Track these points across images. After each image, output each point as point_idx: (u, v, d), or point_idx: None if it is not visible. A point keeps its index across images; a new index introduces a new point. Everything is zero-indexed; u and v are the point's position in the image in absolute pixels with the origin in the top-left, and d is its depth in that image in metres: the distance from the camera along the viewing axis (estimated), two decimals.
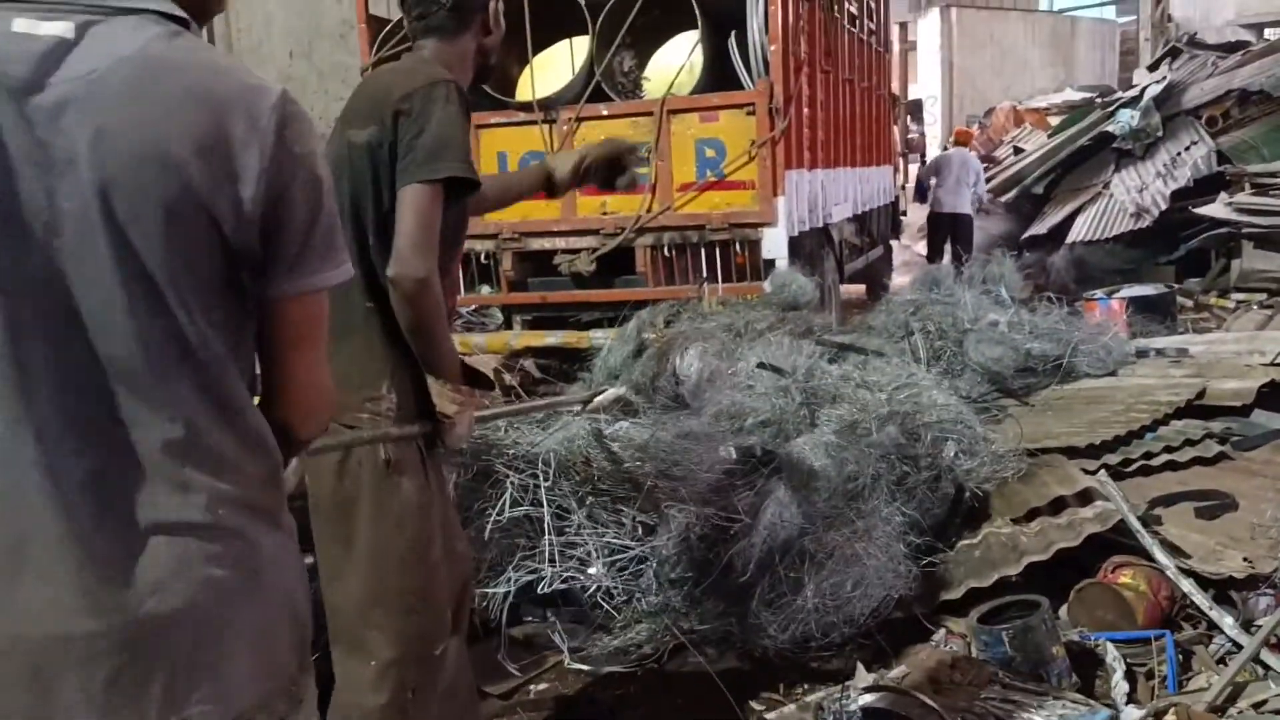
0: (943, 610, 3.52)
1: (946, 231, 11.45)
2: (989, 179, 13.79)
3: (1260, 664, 2.93)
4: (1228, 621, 3.14)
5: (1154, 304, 7.88)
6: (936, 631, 3.41)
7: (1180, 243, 10.40)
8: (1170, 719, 2.64)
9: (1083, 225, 11.25)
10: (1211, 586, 3.33)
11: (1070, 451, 4.49)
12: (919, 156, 15.17)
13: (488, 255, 6.92)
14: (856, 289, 10.39)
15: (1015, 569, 3.48)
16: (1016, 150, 15.10)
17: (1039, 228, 12.00)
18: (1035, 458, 4.34)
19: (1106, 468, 4.25)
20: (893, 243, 11.51)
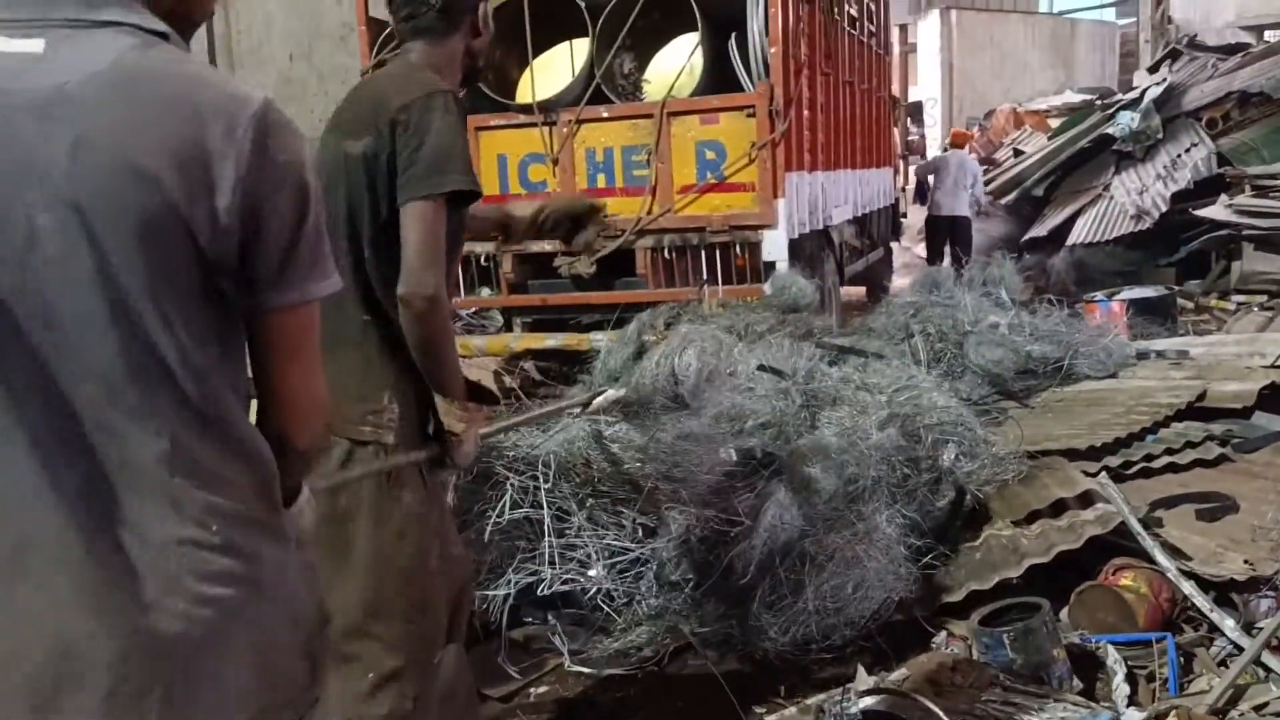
0: (943, 613, 3.51)
1: (945, 234, 11.46)
2: (989, 181, 13.78)
3: (1261, 666, 2.93)
4: (1229, 624, 3.14)
5: (1154, 306, 7.88)
6: (937, 634, 3.40)
7: (1180, 245, 10.39)
8: None
9: (1083, 227, 11.25)
10: (1212, 589, 3.33)
11: (1071, 454, 4.48)
12: (919, 158, 15.19)
13: (488, 257, 6.90)
14: (857, 291, 10.38)
15: (1016, 571, 3.48)
16: (1016, 152, 15.08)
17: (1039, 230, 12.00)
18: (1036, 460, 4.34)
19: (1107, 470, 4.25)
20: (893, 245, 11.50)
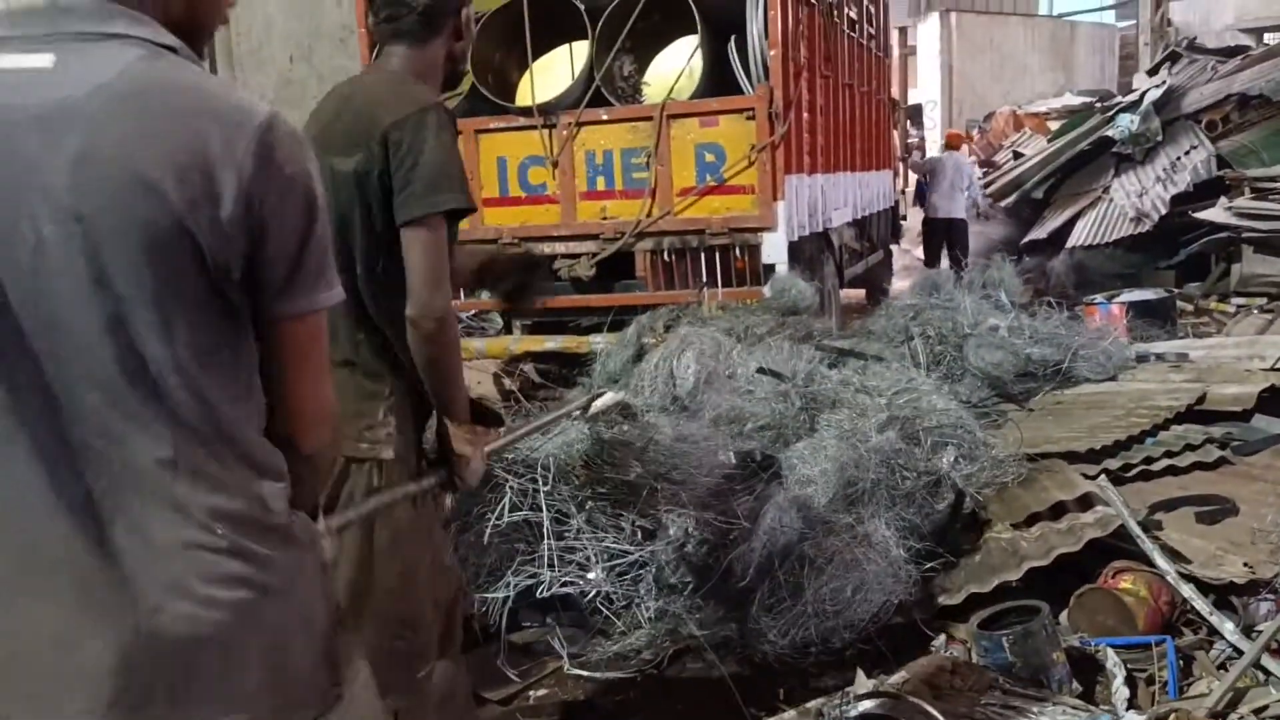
0: (943, 616, 3.51)
1: (942, 237, 11.46)
2: (988, 184, 13.79)
3: (1261, 669, 2.92)
4: (1228, 627, 3.13)
5: (1154, 309, 7.88)
6: (936, 637, 3.40)
7: (1180, 247, 10.39)
8: None
9: (1082, 230, 11.25)
10: (1212, 592, 3.32)
11: (1070, 456, 4.48)
12: (918, 154, 15.22)
13: None
14: (856, 294, 10.38)
15: (1015, 574, 3.48)
16: (1016, 155, 15.08)
17: (1039, 232, 12.00)
18: (1035, 463, 4.34)
19: (1107, 473, 4.24)
20: (892, 247, 11.50)
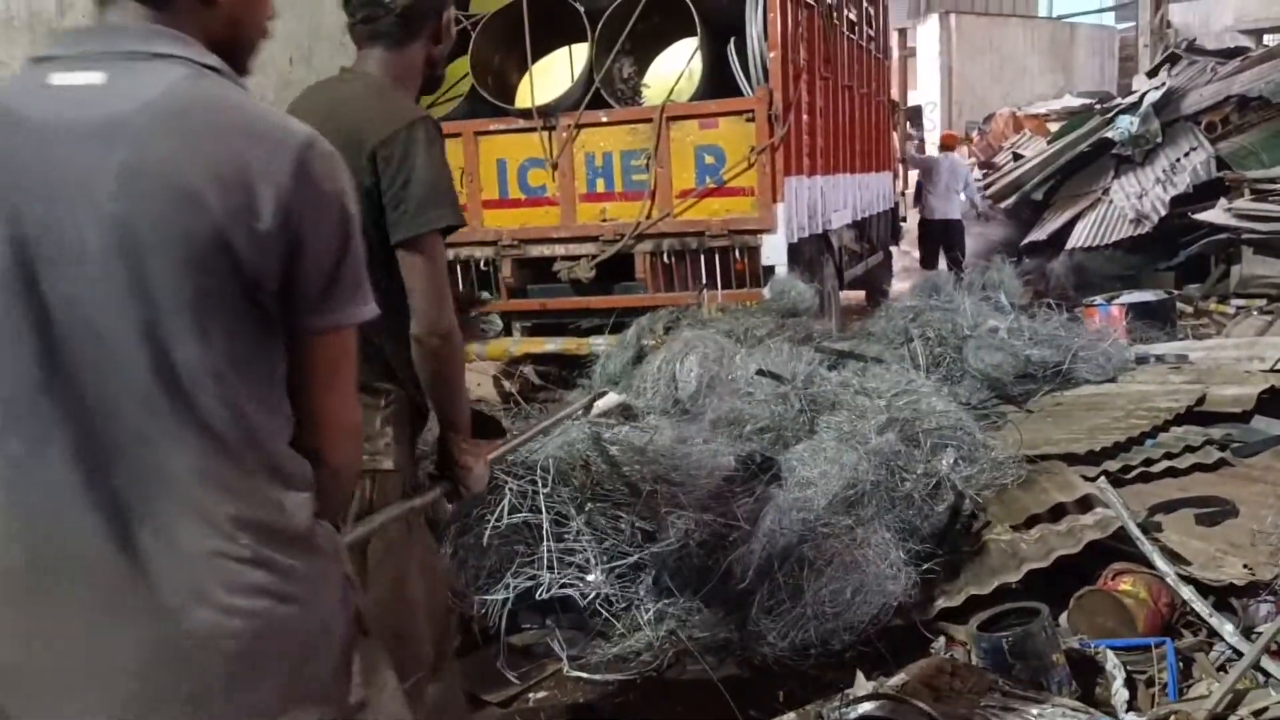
0: (942, 618, 3.50)
1: (938, 239, 11.44)
2: (988, 185, 13.79)
3: (1261, 671, 2.92)
4: (1228, 629, 3.13)
5: (1154, 310, 7.88)
6: (936, 639, 3.40)
7: (1180, 249, 10.39)
8: None
9: (1082, 231, 11.25)
10: (1212, 593, 3.32)
11: (1070, 458, 4.48)
12: (917, 152, 15.23)
13: (487, 262, 6.90)
14: (856, 295, 10.39)
15: (1015, 576, 3.48)
16: (1016, 156, 15.07)
17: (1038, 234, 11.99)
18: (1035, 464, 4.34)
19: (1106, 474, 4.24)
20: (892, 249, 11.50)
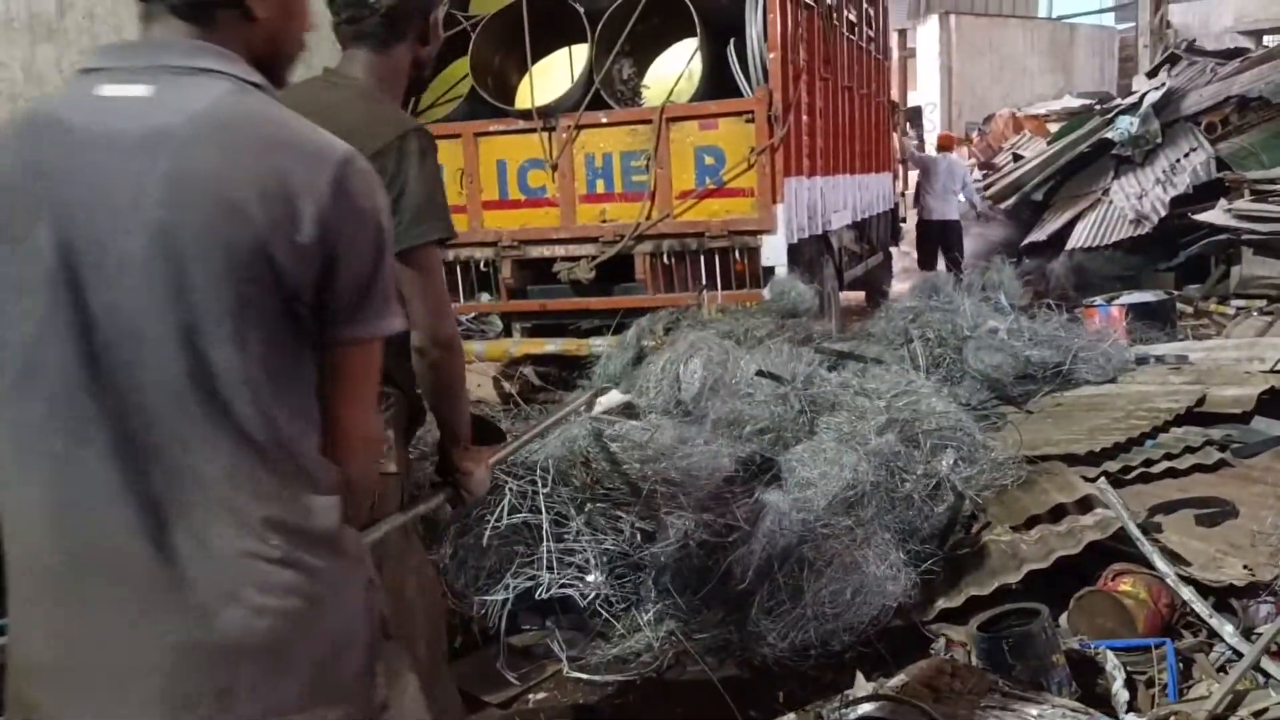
0: (942, 618, 3.51)
1: (936, 239, 11.42)
2: (988, 186, 13.79)
3: (1261, 672, 2.92)
4: (1228, 629, 3.13)
5: (1154, 311, 7.88)
6: (936, 640, 3.40)
7: (1180, 249, 10.39)
8: None
9: (1082, 232, 11.25)
10: (1212, 594, 3.32)
11: (1070, 459, 4.48)
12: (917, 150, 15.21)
13: (487, 263, 6.90)
14: (856, 296, 10.39)
15: (1015, 577, 3.48)
16: (1016, 157, 15.07)
17: (1038, 234, 12.00)
18: (1035, 465, 4.34)
19: (1106, 475, 4.24)
20: (892, 250, 11.50)
